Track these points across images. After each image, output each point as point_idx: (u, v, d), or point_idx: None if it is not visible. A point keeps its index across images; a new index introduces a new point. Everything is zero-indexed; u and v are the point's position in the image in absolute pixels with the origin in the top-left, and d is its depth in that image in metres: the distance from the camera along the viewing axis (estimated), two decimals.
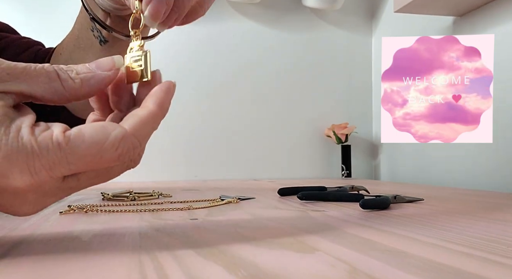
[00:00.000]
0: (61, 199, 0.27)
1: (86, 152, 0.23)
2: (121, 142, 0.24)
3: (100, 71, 0.26)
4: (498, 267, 0.21)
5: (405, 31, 1.21)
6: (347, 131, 1.26)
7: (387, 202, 0.46)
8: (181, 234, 0.30)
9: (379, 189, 0.76)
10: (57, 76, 0.25)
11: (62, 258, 0.23)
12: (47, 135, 0.22)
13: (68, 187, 0.25)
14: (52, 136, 0.22)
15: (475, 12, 0.94)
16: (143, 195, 0.57)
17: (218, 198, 0.54)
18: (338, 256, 0.23)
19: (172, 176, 1.21)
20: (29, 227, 0.34)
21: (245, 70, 1.28)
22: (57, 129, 0.23)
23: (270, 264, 0.22)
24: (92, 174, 0.25)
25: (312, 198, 0.53)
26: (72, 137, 0.23)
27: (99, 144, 0.23)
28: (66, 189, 0.25)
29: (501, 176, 0.86)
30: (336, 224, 0.35)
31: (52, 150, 0.22)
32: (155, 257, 0.23)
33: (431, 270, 0.20)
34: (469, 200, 0.56)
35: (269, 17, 1.31)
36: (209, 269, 0.21)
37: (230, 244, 0.27)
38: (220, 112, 1.26)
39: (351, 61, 1.37)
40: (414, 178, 1.15)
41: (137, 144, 0.25)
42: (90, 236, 0.30)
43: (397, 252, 0.24)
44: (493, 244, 0.26)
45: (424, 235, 0.30)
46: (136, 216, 0.41)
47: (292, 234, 0.30)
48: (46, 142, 0.22)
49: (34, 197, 0.24)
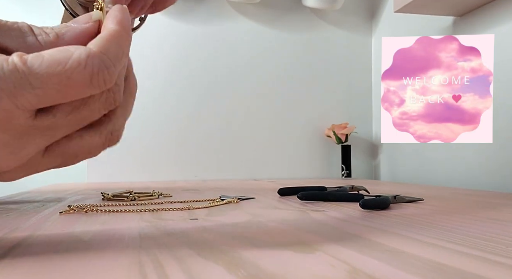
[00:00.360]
0: (46, 154, 0.24)
1: (48, 71, 0.21)
2: (88, 59, 0.22)
3: (77, 25, 0.25)
4: (498, 267, 0.21)
5: (405, 31, 1.21)
6: (347, 131, 1.26)
7: (387, 202, 0.46)
8: (181, 234, 0.30)
9: (379, 189, 0.76)
10: (30, 30, 0.24)
11: (62, 258, 0.23)
12: (1, 58, 0.21)
13: (44, 127, 0.22)
14: (7, 59, 0.21)
15: (475, 12, 0.94)
16: (143, 195, 0.57)
17: (218, 198, 0.54)
18: (338, 256, 0.23)
19: (172, 176, 1.21)
20: (29, 227, 0.34)
21: (245, 70, 1.28)
22: (13, 55, 0.21)
23: (270, 264, 0.22)
24: (68, 107, 0.23)
25: (312, 198, 0.53)
26: (30, 58, 0.21)
27: (61, 62, 0.21)
28: (42, 129, 0.22)
29: (501, 176, 0.86)
30: (336, 224, 0.35)
31: (9, 71, 0.20)
32: (155, 257, 0.23)
33: (431, 270, 0.20)
34: (469, 200, 0.56)
35: (269, 17, 1.31)
36: (209, 269, 0.21)
37: (230, 244, 0.27)
38: (220, 112, 1.26)
39: (351, 61, 1.37)
40: (414, 178, 1.15)
41: (108, 62, 0.22)
42: (90, 236, 0.30)
43: (397, 252, 0.24)
44: (493, 244, 0.26)
45: (424, 235, 0.30)
46: (136, 216, 0.41)
47: (292, 234, 0.30)
48: (1, 63, 0.21)
49: (6, 137, 0.22)
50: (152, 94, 1.21)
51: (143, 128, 1.20)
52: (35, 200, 0.57)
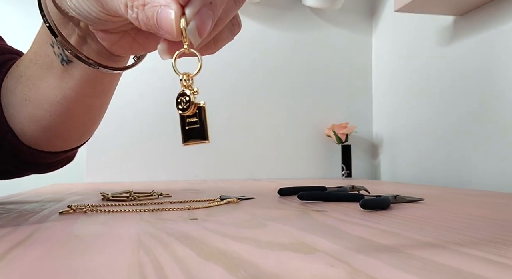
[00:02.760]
0: None
1: None
2: None
3: None
4: (498, 267, 0.21)
5: (405, 30, 1.21)
6: (347, 131, 1.26)
7: (387, 202, 0.45)
8: (180, 234, 0.30)
9: (379, 189, 0.76)
10: None
11: (61, 259, 0.23)
12: None
13: None
14: None
15: (476, 12, 0.94)
16: (142, 195, 0.57)
17: (218, 198, 0.54)
18: (338, 256, 0.23)
19: (171, 176, 1.21)
20: (28, 227, 0.34)
21: (244, 70, 1.28)
22: None
23: (270, 264, 0.22)
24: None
25: (312, 198, 0.53)
26: None
27: None
28: None
29: (502, 176, 0.86)
30: (336, 224, 0.35)
31: None
32: (155, 257, 0.23)
33: (432, 270, 0.20)
34: (469, 200, 0.56)
35: (269, 17, 1.30)
36: (209, 269, 0.21)
37: (230, 245, 0.26)
38: (219, 112, 1.26)
39: (351, 61, 1.37)
40: (414, 178, 1.15)
41: None
42: (89, 237, 0.30)
43: (398, 252, 0.24)
44: (494, 244, 0.26)
45: (425, 235, 0.30)
46: (136, 216, 0.41)
47: (292, 234, 0.30)
48: None
49: None
50: (152, 94, 1.21)
51: (142, 128, 1.20)
52: (34, 200, 0.57)
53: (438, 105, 1.06)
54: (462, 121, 0.97)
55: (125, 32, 0.35)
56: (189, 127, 0.25)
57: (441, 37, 1.05)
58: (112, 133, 1.18)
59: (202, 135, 0.25)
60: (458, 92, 0.99)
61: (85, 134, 0.48)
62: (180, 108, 0.25)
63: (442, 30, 1.04)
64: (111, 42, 0.35)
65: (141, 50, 0.37)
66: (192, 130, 0.25)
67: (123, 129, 1.19)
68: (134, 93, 1.19)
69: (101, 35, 0.35)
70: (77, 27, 0.35)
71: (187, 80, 0.26)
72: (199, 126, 0.25)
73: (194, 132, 0.25)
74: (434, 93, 1.08)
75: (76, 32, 0.36)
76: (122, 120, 1.19)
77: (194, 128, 0.25)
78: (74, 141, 0.47)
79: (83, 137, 0.48)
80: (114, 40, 0.35)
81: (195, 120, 0.25)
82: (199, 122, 0.25)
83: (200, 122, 0.25)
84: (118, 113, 1.18)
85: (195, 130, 0.25)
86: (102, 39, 0.35)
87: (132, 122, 1.20)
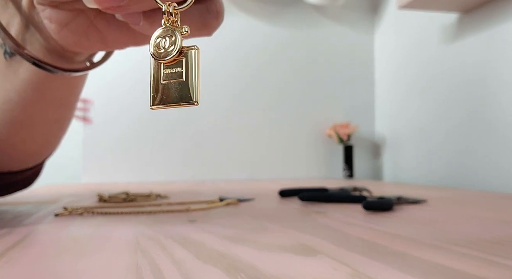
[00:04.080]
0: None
1: None
2: None
3: None
4: (501, 268, 0.20)
5: (408, 28, 1.20)
6: (349, 131, 1.25)
7: (390, 203, 0.45)
8: (179, 236, 0.30)
9: (382, 190, 0.75)
10: None
11: (57, 261, 0.23)
12: None
13: None
14: None
15: (481, 9, 0.93)
16: (140, 196, 0.56)
17: (217, 199, 0.54)
18: (340, 258, 0.23)
19: (170, 177, 1.20)
20: (24, 229, 0.33)
21: (243, 68, 1.28)
22: None
23: (270, 267, 0.21)
24: None
25: (314, 199, 0.53)
26: None
27: None
28: None
29: (504, 177, 0.86)
30: (338, 226, 0.34)
31: None
32: (153, 260, 0.23)
33: (434, 272, 0.20)
34: (472, 200, 0.56)
35: (269, 13, 1.30)
36: (208, 272, 0.20)
37: (229, 247, 0.26)
38: (219, 111, 1.25)
39: (353, 59, 1.36)
40: (417, 179, 1.14)
41: None
42: (85, 239, 0.29)
43: (400, 254, 0.24)
44: (496, 246, 0.26)
45: (428, 236, 0.29)
46: (133, 218, 0.40)
47: (293, 236, 0.30)
48: None
49: None
50: None
51: (140, 128, 1.20)
52: (29, 201, 0.57)
53: (442, 104, 1.05)
54: (466, 120, 0.97)
55: (81, 11, 0.27)
56: (166, 82, 0.18)
57: (445, 35, 1.04)
58: (108, 133, 1.18)
59: (187, 94, 0.18)
60: (463, 91, 0.98)
61: (34, 155, 0.37)
62: (156, 54, 0.18)
63: (446, 28, 1.04)
64: (61, 24, 0.27)
65: (99, 42, 0.28)
66: (170, 87, 0.18)
67: (120, 129, 1.19)
68: (131, 93, 1.19)
69: (49, 13, 0.27)
70: (19, 10, 0.28)
71: (172, 13, 0.18)
72: (184, 81, 0.18)
73: (174, 90, 0.18)
74: (437, 92, 1.07)
75: (18, 18, 0.29)
76: (119, 120, 1.19)
77: (174, 84, 0.18)
78: (19, 161, 0.37)
79: (30, 159, 0.37)
80: (65, 20, 0.27)
81: (179, 71, 0.18)
82: (185, 75, 0.18)
83: (188, 75, 0.18)
84: (115, 112, 1.18)
85: (175, 86, 0.18)
86: (50, 19, 0.27)
87: (129, 122, 1.19)
